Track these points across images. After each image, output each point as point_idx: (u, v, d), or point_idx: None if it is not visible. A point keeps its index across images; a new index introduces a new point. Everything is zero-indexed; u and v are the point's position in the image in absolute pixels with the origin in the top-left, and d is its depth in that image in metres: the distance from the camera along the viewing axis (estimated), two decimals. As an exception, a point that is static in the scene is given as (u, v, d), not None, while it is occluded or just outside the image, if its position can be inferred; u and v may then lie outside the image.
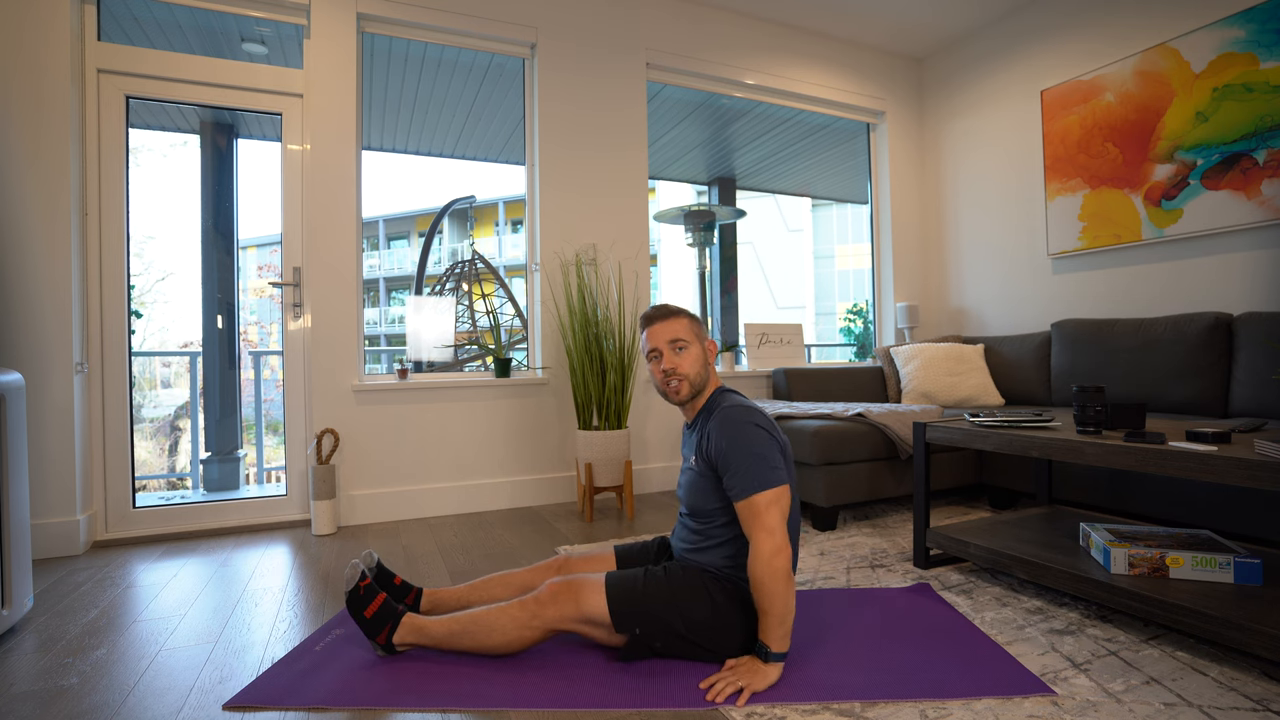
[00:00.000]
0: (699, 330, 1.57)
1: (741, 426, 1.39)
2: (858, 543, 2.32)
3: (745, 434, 1.38)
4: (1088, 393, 1.69)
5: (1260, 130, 2.59)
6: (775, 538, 1.29)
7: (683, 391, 1.52)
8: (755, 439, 1.37)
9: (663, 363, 1.52)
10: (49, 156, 2.36)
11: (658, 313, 1.57)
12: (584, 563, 1.64)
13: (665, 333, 1.53)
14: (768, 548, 1.28)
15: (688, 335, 1.53)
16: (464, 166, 19.44)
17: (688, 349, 1.52)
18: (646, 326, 1.57)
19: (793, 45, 3.80)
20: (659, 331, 1.53)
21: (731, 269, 4.42)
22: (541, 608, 1.38)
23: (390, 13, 2.87)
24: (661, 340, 1.52)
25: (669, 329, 1.53)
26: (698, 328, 1.57)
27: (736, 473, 1.35)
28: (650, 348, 1.55)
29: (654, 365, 1.55)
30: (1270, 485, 1.24)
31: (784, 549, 1.29)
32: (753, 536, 1.31)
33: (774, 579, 1.27)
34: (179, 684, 1.37)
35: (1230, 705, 1.20)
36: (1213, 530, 2.03)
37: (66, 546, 2.34)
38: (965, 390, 3.22)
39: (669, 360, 1.51)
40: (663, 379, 1.53)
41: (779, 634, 1.29)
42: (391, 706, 1.25)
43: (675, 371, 1.51)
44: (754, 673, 1.28)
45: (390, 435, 2.85)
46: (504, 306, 6.25)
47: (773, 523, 1.30)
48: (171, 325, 6.71)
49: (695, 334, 1.55)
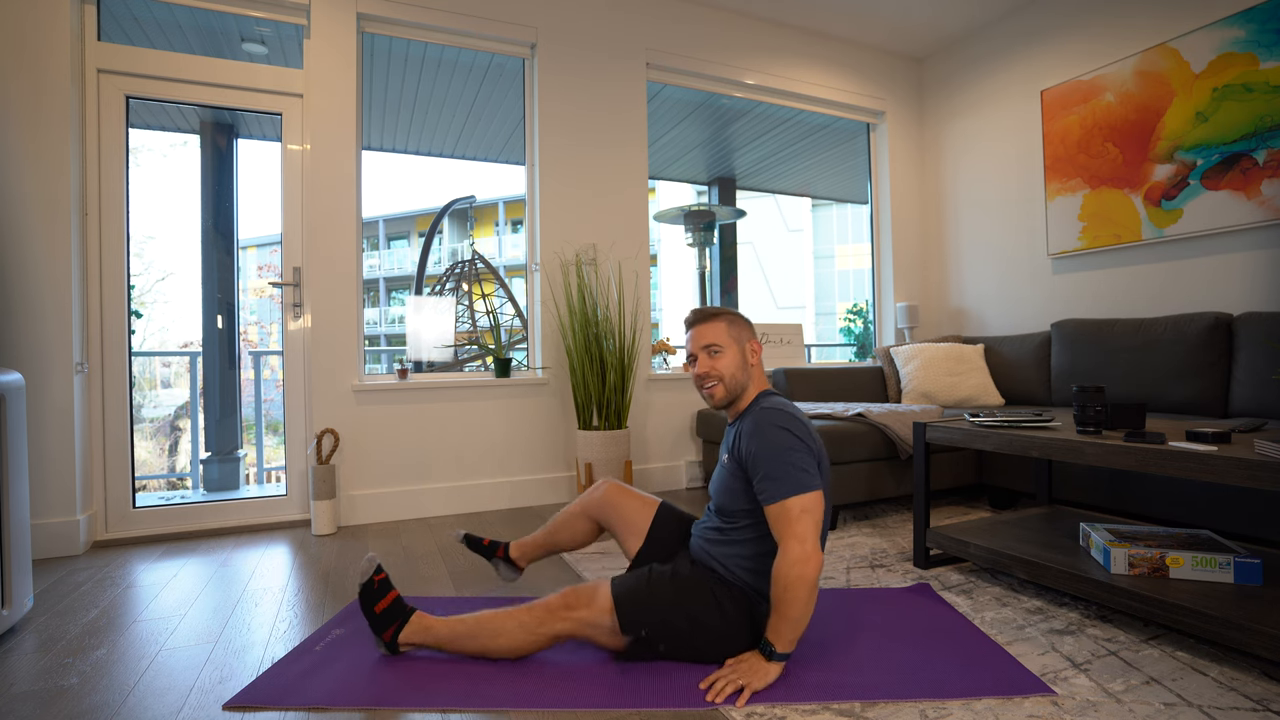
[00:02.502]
0: (739, 332, 1.53)
1: (774, 430, 1.36)
2: (858, 543, 2.32)
3: (777, 438, 1.35)
4: (1088, 393, 1.69)
5: (1260, 130, 2.59)
6: (805, 545, 1.26)
7: (717, 395, 1.50)
8: (787, 443, 1.34)
9: (697, 367, 1.52)
10: (49, 156, 2.36)
11: (696, 316, 1.56)
12: (625, 499, 1.70)
13: (701, 337, 1.51)
14: (797, 553, 1.25)
15: (724, 339, 1.51)
16: (464, 166, 19.43)
17: (723, 353, 1.50)
18: (687, 329, 1.57)
19: (793, 45, 3.80)
20: (695, 336, 1.53)
21: (731, 269, 4.42)
22: (550, 614, 1.37)
23: (390, 13, 2.87)
24: (697, 345, 1.52)
25: (705, 333, 1.51)
26: (738, 330, 1.53)
27: (768, 476, 1.33)
28: (688, 352, 1.56)
29: (691, 369, 1.55)
30: (1270, 485, 1.24)
31: (813, 557, 1.25)
32: (783, 542, 1.28)
33: (798, 584, 1.24)
34: (179, 684, 1.37)
35: (1230, 705, 1.20)
36: (1213, 530, 2.02)
37: (66, 546, 2.34)
38: (965, 390, 3.22)
39: (703, 365, 1.51)
40: (697, 383, 1.53)
41: (789, 636, 1.27)
42: (391, 706, 1.25)
43: (709, 376, 1.50)
44: (754, 671, 1.28)
45: (390, 435, 2.85)
46: (504, 306, 6.25)
47: (804, 530, 1.27)
48: (171, 325, 6.71)
49: (734, 336, 1.52)
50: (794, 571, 1.24)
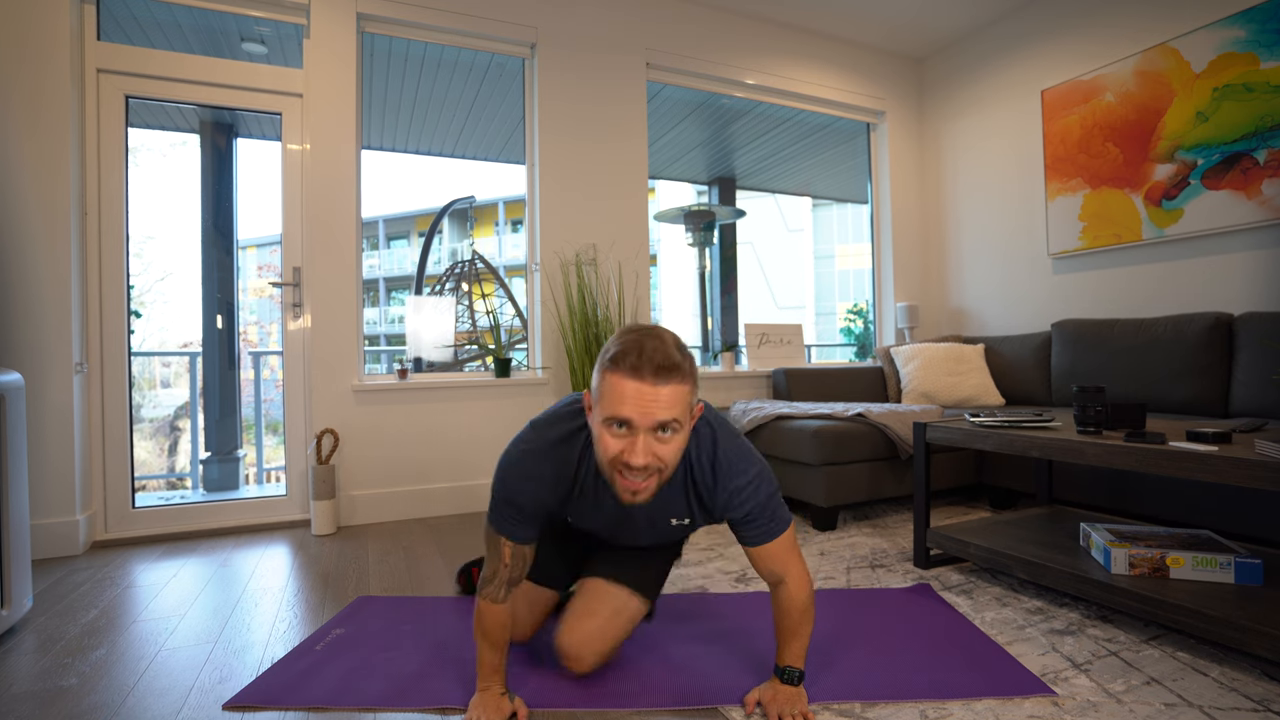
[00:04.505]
0: (694, 393, 1.06)
1: (752, 470, 1.19)
2: (858, 543, 2.32)
3: (763, 486, 1.19)
4: (1088, 393, 1.69)
5: (1260, 130, 2.59)
6: (805, 567, 1.25)
7: (644, 495, 1.05)
8: (770, 484, 1.21)
9: (634, 452, 0.99)
10: (49, 156, 2.36)
11: (649, 363, 0.98)
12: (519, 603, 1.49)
13: (653, 405, 0.99)
14: (805, 579, 1.23)
15: (683, 413, 1.02)
16: (464, 166, 19.44)
17: (678, 434, 1.03)
18: (619, 373, 0.99)
19: (793, 45, 3.80)
20: (643, 399, 0.98)
21: (731, 269, 4.42)
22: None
23: (390, 13, 2.87)
24: (643, 416, 0.99)
25: (659, 401, 0.99)
26: (694, 389, 1.05)
27: (758, 522, 1.19)
28: (616, 415, 0.99)
29: (611, 440, 1.02)
30: (1270, 485, 1.24)
31: (809, 576, 1.25)
32: (789, 573, 1.22)
33: (812, 607, 1.23)
34: (179, 684, 1.37)
35: (1231, 705, 1.20)
36: (1213, 530, 2.02)
37: (66, 546, 2.34)
38: (965, 390, 3.22)
39: (645, 450, 0.99)
40: (621, 469, 1.02)
41: (804, 654, 1.25)
42: (392, 706, 1.25)
43: (648, 468, 1.01)
44: (798, 698, 1.20)
45: (390, 435, 2.85)
46: (504, 306, 6.25)
47: (800, 553, 1.25)
48: (171, 325, 6.72)
49: (689, 405, 1.04)
50: (807, 597, 1.22)
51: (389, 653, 1.48)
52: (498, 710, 1.17)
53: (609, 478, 1.06)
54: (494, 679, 1.21)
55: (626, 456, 1.00)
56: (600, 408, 1.03)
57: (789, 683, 1.22)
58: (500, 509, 1.17)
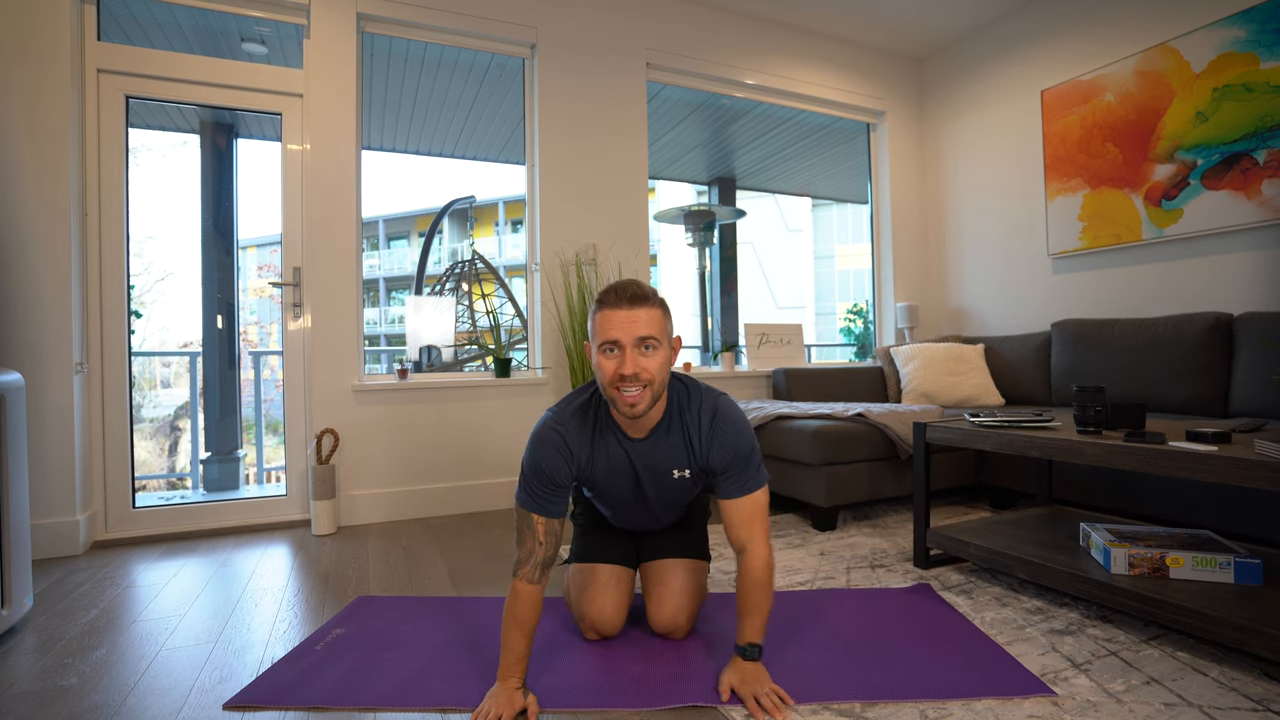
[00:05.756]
0: (669, 324, 1.29)
1: (744, 426, 1.34)
2: (858, 543, 2.32)
3: (748, 433, 1.34)
4: (1088, 393, 1.69)
5: (1260, 130, 2.59)
6: (768, 543, 1.31)
7: (641, 405, 1.23)
8: (752, 436, 1.35)
9: (624, 363, 1.20)
10: (49, 156, 2.36)
11: (625, 295, 1.22)
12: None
13: (633, 325, 1.21)
14: (766, 554, 1.30)
15: (659, 331, 1.24)
16: (464, 166, 19.44)
17: (658, 350, 1.24)
18: (604, 309, 1.23)
19: (793, 45, 3.80)
20: (624, 321, 1.21)
21: (731, 269, 4.42)
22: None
23: (390, 13, 2.87)
24: (627, 334, 1.21)
25: (639, 321, 1.21)
26: (669, 320, 1.29)
27: (741, 472, 1.31)
28: (606, 339, 1.22)
29: (606, 361, 1.23)
30: (1270, 485, 1.24)
31: (770, 553, 1.31)
32: (754, 536, 1.30)
33: (771, 581, 1.30)
34: (179, 684, 1.37)
35: (1231, 705, 1.20)
36: (1213, 530, 2.02)
37: (66, 546, 2.34)
38: (965, 390, 3.22)
39: (631, 362, 1.20)
40: (618, 384, 1.22)
41: (764, 629, 1.31)
42: (391, 706, 1.25)
43: (638, 378, 1.21)
44: (761, 677, 1.26)
45: (390, 435, 2.85)
46: (504, 306, 6.25)
47: (767, 525, 1.32)
48: (171, 325, 6.72)
49: (666, 330, 1.26)
50: (767, 568, 1.29)
51: (389, 653, 1.48)
52: (510, 704, 1.18)
53: (611, 399, 1.25)
54: (515, 671, 1.23)
55: (620, 369, 1.21)
56: (594, 340, 1.26)
57: (750, 659, 1.28)
58: (530, 483, 1.28)
